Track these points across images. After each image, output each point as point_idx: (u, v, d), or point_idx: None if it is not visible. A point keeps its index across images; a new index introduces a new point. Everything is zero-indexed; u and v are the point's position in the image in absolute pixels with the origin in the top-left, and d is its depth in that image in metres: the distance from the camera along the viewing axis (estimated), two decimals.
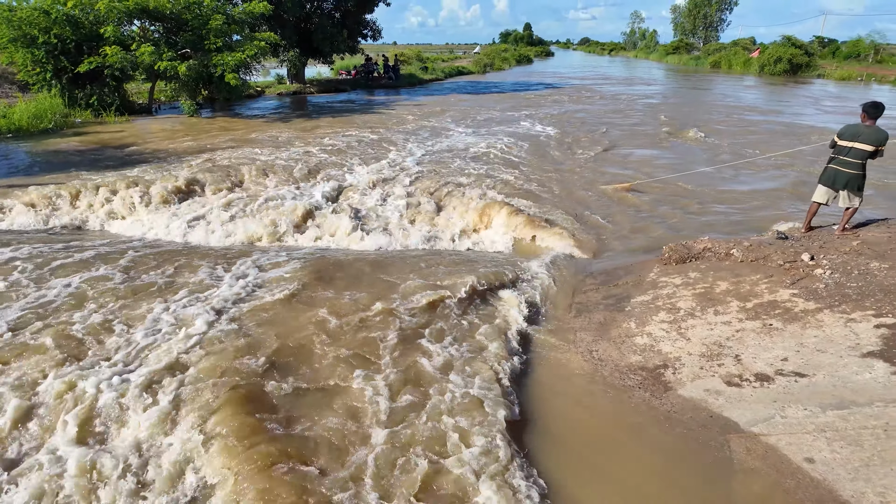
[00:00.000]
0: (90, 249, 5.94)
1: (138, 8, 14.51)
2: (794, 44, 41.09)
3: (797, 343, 3.94)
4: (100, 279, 5.15)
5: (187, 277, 5.29)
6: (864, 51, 44.30)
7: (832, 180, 5.55)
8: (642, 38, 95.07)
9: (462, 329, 4.46)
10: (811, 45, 43.88)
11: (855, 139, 5.32)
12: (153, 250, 6.05)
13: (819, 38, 51.22)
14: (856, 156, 5.34)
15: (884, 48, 45.32)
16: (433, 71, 35.15)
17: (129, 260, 5.65)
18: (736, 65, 47.08)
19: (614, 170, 10.22)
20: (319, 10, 23.67)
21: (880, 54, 43.77)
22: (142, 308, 4.61)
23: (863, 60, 42.93)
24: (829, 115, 18.40)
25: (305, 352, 4.02)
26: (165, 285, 5.10)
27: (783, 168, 10.16)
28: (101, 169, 9.18)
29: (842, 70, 37.73)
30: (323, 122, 15.36)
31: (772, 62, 40.24)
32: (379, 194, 8.20)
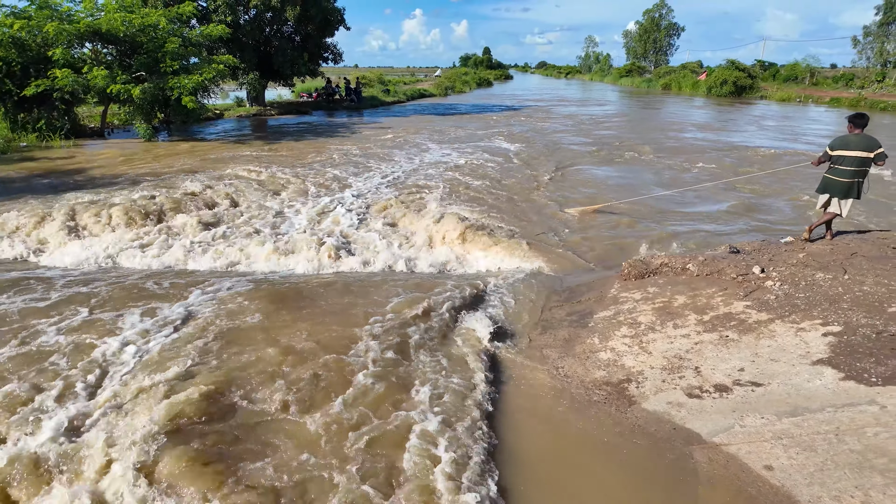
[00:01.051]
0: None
1: (90, 31, 14.19)
2: (737, 67, 43.43)
3: (752, 353, 4.08)
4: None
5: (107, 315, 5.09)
6: (801, 74, 47.18)
7: (826, 188, 5.83)
8: (597, 62, 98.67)
9: (430, 351, 4.43)
10: (753, 69, 46.46)
11: (846, 148, 5.63)
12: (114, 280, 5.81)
13: (760, 61, 54.31)
14: (851, 164, 5.61)
15: (818, 71, 48.43)
16: (395, 93, 35.45)
17: (92, 289, 5.41)
18: (685, 87, 49.36)
19: (575, 190, 10.47)
20: (279, 33, 23.65)
21: (815, 77, 46.74)
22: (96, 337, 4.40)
23: (800, 83, 45.68)
24: (785, 139, 19.41)
25: (261, 382, 3.91)
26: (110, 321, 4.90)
27: (738, 188, 10.63)
28: (43, 195, 8.81)
29: (782, 92, 40.03)
30: (283, 144, 15.23)
31: (718, 84, 42.37)
32: (344, 217, 8.14)
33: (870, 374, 3.56)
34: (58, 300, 5.14)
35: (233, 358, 4.15)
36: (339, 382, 3.89)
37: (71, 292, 5.32)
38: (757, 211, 9.01)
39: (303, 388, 3.80)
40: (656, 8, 72.58)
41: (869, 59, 41.96)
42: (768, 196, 9.91)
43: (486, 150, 14.57)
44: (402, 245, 7.18)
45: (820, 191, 5.94)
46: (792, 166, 11.02)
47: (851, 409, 3.29)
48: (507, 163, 12.92)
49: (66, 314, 4.86)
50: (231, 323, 4.72)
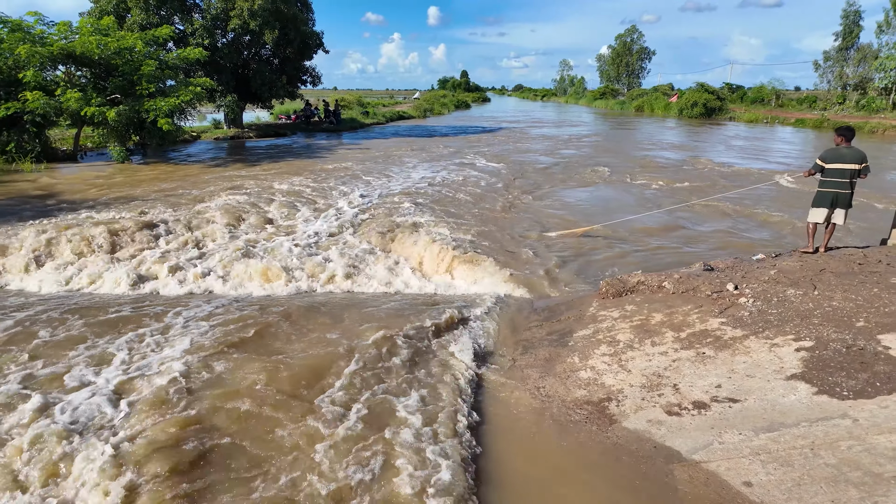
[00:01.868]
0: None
1: (63, 53, 14.05)
2: (706, 90, 44.90)
3: (728, 370, 4.14)
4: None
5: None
6: (767, 96, 48.99)
7: (830, 201, 5.97)
8: (571, 85, 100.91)
9: (411, 375, 4.40)
10: (722, 91, 48.09)
11: (841, 161, 5.81)
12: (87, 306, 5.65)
13: (728, 84, 56.25)
14: (845, 176, 5.81)
15: (783, 94, 50.39)
16: (374, 115, 35.69)
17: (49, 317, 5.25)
18: (657, 108, 50.75)
19: (553, 211, 10.61)
20: (257, 56, 23.74)
21: (781, 99, 48.58)
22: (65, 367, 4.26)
23: (767, 104, 47.38)
24: (757, 158, 19.98)
25: (240, 413, 3.82)
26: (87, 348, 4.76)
27: (716, 210, 10.90)
28: (9, 220, 8.59)
29: (750, 113, 41.44)
30: (261, 166, 15.16)
31: (689, 106, 43.69)
32: (325, 238, 8.10)
33: (841, 387, 3.63)
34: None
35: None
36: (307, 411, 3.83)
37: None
38: (730, 229, 9.23)
39: (278, 403, 3.73)
40: (628, 33, 74.97)
41: (830, 82, 43.75)
42: (740, 215, 10.17)
43: (465, 171, 14.71)
44: (381, 267, 7.15)
45: (820, 205, 6.05)
46: (764, 184, 11.35)
47: (825, 423, 3.35)
48: (486, 183, 13.06)
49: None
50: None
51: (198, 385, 4.03)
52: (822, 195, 6.02)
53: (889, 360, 3.83)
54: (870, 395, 3.52)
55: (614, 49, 75.93)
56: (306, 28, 23.72)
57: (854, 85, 41.26)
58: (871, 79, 39.75)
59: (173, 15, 20.48)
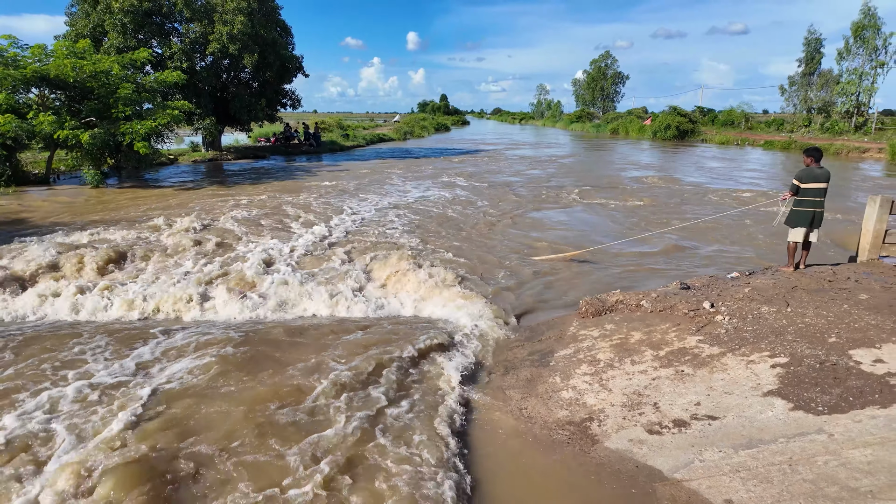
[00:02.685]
0: None
1: (37, 76, 13.87)
2: (679, 113, 46.29)
3: (707, 387, 4.19)
4: None
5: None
6: (737, 119, 50.66)
7: (809, 220, 6.11)
8: (548, 108, 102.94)
9: (392, 399, 4.34)
10: (694, 114, 49.60)
11: (816, 180, 6.00)
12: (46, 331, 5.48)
13: (699, 107, 58.03)
14: (820, 195, 6.03)
15: (752, 116, 52.17)
16: (354, 138, 35.87)
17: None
18: (632, 131, 52.02)
19: (535, 233, 10.69)
20: (237, 79, 23.76)
21: (750, 122, 50.27)
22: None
23: (737, 127, 48.95)
24: (732, 179, 20.49)
25: (218, 438, 3.73)
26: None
27: (696, 229, 11.12)
28: None
29: (721, 135, 42.74)
30: (238, 189, 15.05)
31: (662, 129, 44.92)
32: (302, 260, 8.03)
33: (816, 403, 3.70)
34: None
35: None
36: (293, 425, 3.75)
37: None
38: (707, 250, 9.42)
39: (254, 441, 3.64)
40: (602, 58, 77.07)
41: (795, 105, 45.44)
42: (718, 236, 10.39)
43: (445, 192, 14.81)
44: (362, 290, 7.10)
45: (800, 224, 6.17)
46: (750, 206, 11.61)
47: (802, 438, 3.40)
48: (467, 204, 13.15)
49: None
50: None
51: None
52: (802, 214, 6.18)
53: (861, 374, 3.92)
54: (843, 410, 3.59)
55: (589, 74, 77.88)
56: (286, 52, 23.87)
57: (818, 108, 42.90)
58: (834, 103, 41.42)
59: (152, 38, 20.44)
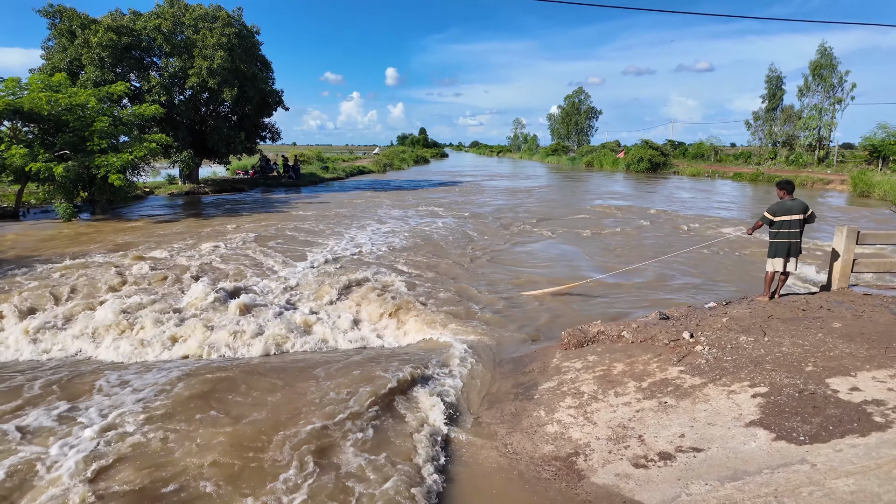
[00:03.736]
0: None
1: (10, 109, 13.68)
2: (651, 146, 47.74)
3: (690, 418, 4.19)
4: None
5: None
6: (707, 151, 52.46)
7: (786, 251, 6.27)
8: (525, 142, 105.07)
9: (373, 435, 4.24)
10: (665, 147, 51.22)
11: (789, 213, 6.18)
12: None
13: (670, 141, 59.99)
14: (795, 226, 6.19)
15: (721, 150, 54.11)
16: (334, 170, 36.01)
17: None
18: (606, 164, 53.38)
19: (516, 268, 10.76)
20: (216, 113, 23.79)
21: (719, 154, 52.08)
22: None
23: (706, 159, 50.61)
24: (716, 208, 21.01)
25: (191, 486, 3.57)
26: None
27: (675, 261, 11.33)
28: None
29: (692, 167, 44.10)
30: (214, 223, 14.88)
31: (636, 161, 46.19)
32: (279, 294, 7.91)
33: (798, 432, 3.73)
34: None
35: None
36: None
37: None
38: (683, 280, 9.59)
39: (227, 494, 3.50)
40: (575, 94, 79.32)
41: (761, 139, 47.26)
42: (696, 266, 10.60)
43: (426, 224, 14.87)
44: (342, 323, 7.01)
45: (777, 254, 6.34)
46: (719, 239, 11.91)
47: (786, 469, 3.41)
48: (448, 236, 13.20)
49: None
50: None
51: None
52: (778, 245, 6.37)
53: (839, 403, 3.98)
54: (824, 439, 3.63)
55: (563, 109, 80.00)
56: (266, 86, 24.06)
57: (783, 142, 44.70)
58: (797, 136, 43.24)
59: (130, 72, 20.42)
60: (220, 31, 20.99)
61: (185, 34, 21.16)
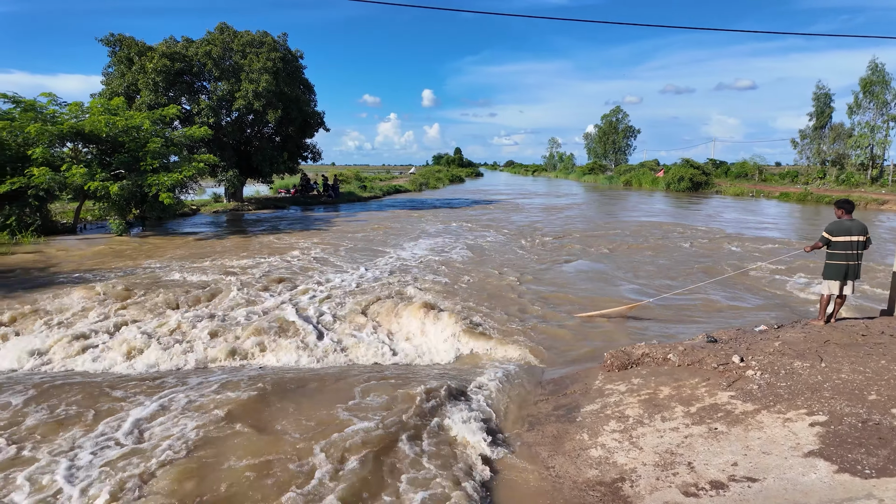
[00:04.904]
0: None
1: (73, 131, 14.52)
2: (692, 165, 46.69)
3: (743, 446, 4.01)
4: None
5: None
6: (750, 171, 50.94)
7: (844, 273, 6.02)
8: (560, 161, 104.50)
9: (413, 454, 4.22)
10: (706, 166, 50.01)
11: (848, 233, 5.95)
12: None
13: (712, 160, 58.53)
14: (854, 248, 5.95)
15: (765, 169, 52.47)
16: (371, 189, 36.63)
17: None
18: (645, 183, 52.48)
19: (559, 284, 10.63)
20: (260, 134, 24.62)
21: (763, 174, 50.48)
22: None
23: (750, 179, 49.13)
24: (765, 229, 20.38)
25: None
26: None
27: (730, 281, 11.00)
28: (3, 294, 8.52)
29: (735, 187, 42.86)
30: (259, 239, 15.31)
31: (676, 180, 45.21)
32: (320, 307, 8.03)
33: (862, 465, 3.51)
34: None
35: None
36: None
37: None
38: (731, 302, 9.26)
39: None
40: (613, 113, 78.65)
41: (808, 158, 45.59)
42: (743, 287, 10.24)
43: (464, 241, 14.89)
44: (382, 337, 7.05)
45: (834, 277, 6.08)
46: (783, 256, 11.43)
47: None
48: (489, 253, 13.17)
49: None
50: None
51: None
52: (835, 268, 6.08)
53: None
54: (892, 473, 3.40)
55: (600, 128, 79.37)
56: (308, 108, 24.81)
57: (832, 161, 43.02)
58: (848, 155, 41.55)
59: (181, 96, 21.44)
60: (265, 56, 21.84)
61: (234, 59, 22.11)
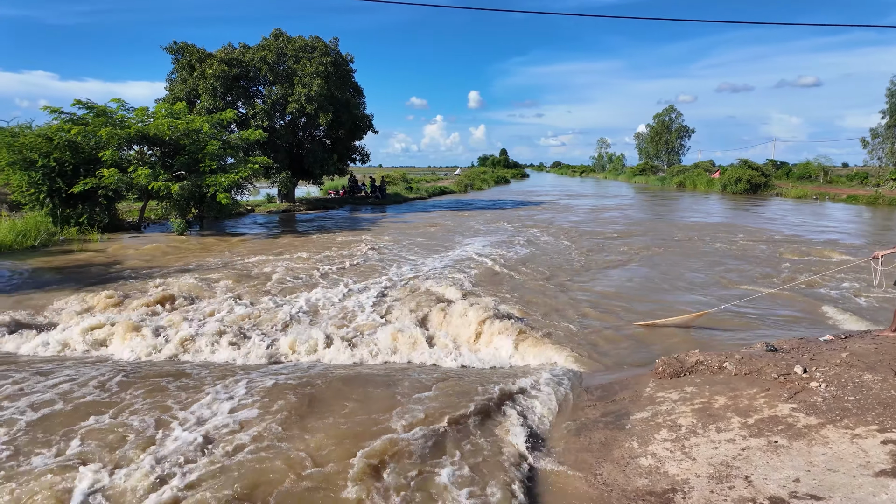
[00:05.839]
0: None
1: (139, 135, 15.37)
2: (750, 166, 44.65)
3: (806, 462, 3.79)
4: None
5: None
6: (814, 172, 48.19)
7: None
8: (610, 161, 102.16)
9: (458, 454, 4.22)
10: (766, 167, 47.69)
11: None
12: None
13: (772, 160, 55.85)
14: None
15: (831, 170, 49.52)
16: (417, 190, 37.00)
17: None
18: (699, 184, 50.57)
19: (603, 288, 10.42)
20: (311, 136, 25.31)
21: (829, 175, 47.66)
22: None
23: (814, 181, 46.49)
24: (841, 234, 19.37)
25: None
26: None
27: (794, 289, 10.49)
28: (79, 287, 9.09)
29: (797, 189, 40.66)
30: (311, 237, 15.74)
31: (732, 182, 43.36)
32: (365, 305, 8.17)
33: None
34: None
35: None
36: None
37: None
38: (789, 312, 8.80)
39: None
40: (666, 112, 76.25)
41: (880, 158, 42.66)
42: (808, 294, 9.71)
43: (511, 243, 14.80)
44: (430, 338, 7.09)
45: None
46: (843, 267, 10.78)
47: None
48: (537, 255, 13.03)
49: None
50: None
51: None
52: None
53: None
54: None
55: (653, 127, 77.10)
56: (357, 111, 25.32)
57: None
58: None
59: (238, 100, 22.34)
60: (317, 61, 22.44)
61: (287, 64, 22.84)
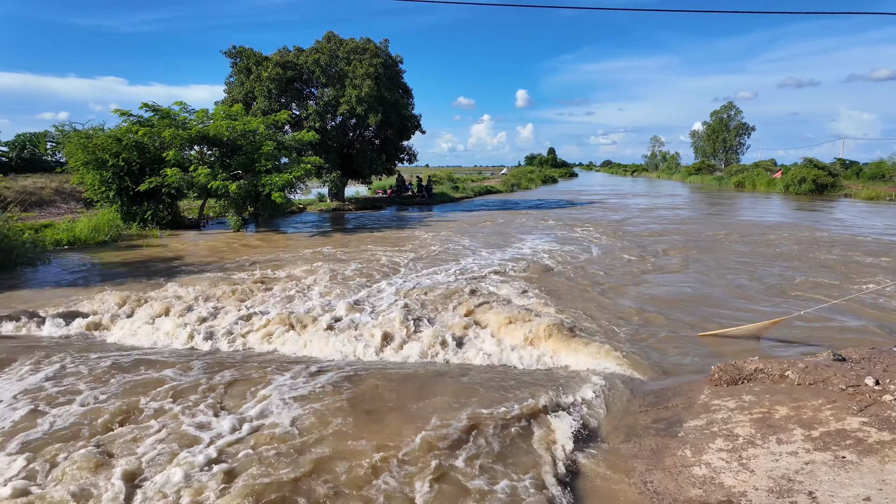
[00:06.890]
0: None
1: (199, 136, 16.10)
2: (816, 165, 42.15)
3: (878, 479, 3.55)
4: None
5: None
6: (888, 172, 44.99)
7: None
8: (663, 160, 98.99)
9: (505, 457, 4.20)
10: (833, 167, 44.92)
11: None
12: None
13: (840, 160, 52.57)
14: None
15: None
16: (463, 190, 37.05)
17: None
18: (759, 184, 48.19)
19: (661, 290, 10.12)
20: (361, 137, 25.78)
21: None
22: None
23: (888, 181, 43.42)
24: None
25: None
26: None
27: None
28: (147, 279, 9.62)
29: (868, 190, 38.09)
30: (361, 236, 16.05)
31: (796, 182, 41.07)
32: (413, 306, 8.25)
33: None
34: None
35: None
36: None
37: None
38: (860, 321, 8.26)
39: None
40: (724, 109, 73.20)
41: None
42: (881, 301, 9.09)
43: (561, 244, 14.58)
44: (478, 338, 7.08)
45: None
46: None
47: None
48: (587, 257, 12.79)
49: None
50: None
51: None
52: None
53: None
54: None
55: (710, 125, 74.12)
56: (406, 112, 25.60)
57: None
58: None
59: (292, 102, 23.03)
60: (368, 62, 22.84)
61: (339, 66, 23.36)
